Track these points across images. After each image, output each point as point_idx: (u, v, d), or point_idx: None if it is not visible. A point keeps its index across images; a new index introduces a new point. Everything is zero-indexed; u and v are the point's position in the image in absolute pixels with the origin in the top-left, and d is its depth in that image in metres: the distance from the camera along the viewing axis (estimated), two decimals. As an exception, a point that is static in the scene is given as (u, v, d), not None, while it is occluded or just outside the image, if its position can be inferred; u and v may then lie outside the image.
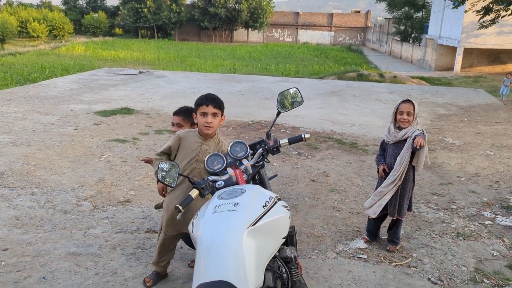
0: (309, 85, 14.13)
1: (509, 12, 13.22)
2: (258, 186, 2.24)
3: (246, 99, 11.17)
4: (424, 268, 3.58)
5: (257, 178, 2.50)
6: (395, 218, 3.76)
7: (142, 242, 3.80)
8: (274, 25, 52.38)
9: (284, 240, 2.10)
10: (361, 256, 3.73)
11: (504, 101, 12.30)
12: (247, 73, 18.83)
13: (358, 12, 56.97)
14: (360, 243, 3.95)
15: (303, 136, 2.48)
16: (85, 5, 53.99)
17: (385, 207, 3.71)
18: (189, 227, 2.07)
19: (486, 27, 13.50)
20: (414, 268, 3.56)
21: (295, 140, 2.50)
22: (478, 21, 13.66)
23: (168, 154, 2.94)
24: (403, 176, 3.58)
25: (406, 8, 35.59)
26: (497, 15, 13.13)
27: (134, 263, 3.44)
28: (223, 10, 46.33)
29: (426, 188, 5.44)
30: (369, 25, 52.48)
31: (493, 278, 3.50)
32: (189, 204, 2.18)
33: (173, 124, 3.43)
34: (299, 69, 22.66)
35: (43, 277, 3.17)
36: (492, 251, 3.94)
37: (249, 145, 2.48)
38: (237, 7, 47.27)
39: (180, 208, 2.13)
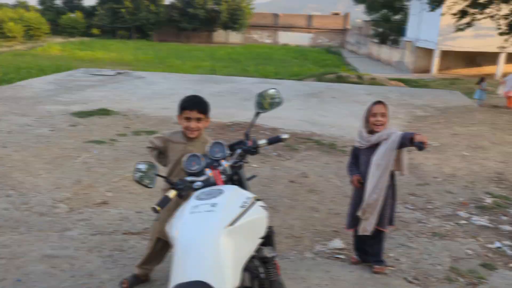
0: (288, 87, 14.20)
1: (483, 15, 13.57)
2: (236, 187, 2.24)
3: (226, 100, 11.16)
4: (400, 268, 3.63)
5: (235, 179, 2.50)
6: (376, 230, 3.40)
7: (119, 244, 3.75)
8: (253, 26, 52.51)
9: (262, 240, 2.11)
10: (339, 256, 3.77)
11: (481, 105, 12.61)
12: (226, 74, 18.82)
13: (337, 14, 57.61)
14: (338, 243, 3.98)
15: (281, 137, 2.50)
16: (61, 5, 52.97)
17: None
18: (167, 228, 2.06)
19: (462, 30, 13.84)
20: (391, 268, 3.61)
21: (274, 140, 2.51)
22: (454, 24, 13.97)
23: (161, 151, 2.91)
24: (386, 182, 3.30)
25: (385, 10, 36.21)
26: (472, 19, 13.46)
27: (110, 265, 3.40)
28: (202, 11, 46.20)
29: (404, 188, 5.52)
30: (348, 27, 53.10)
31: (468, 276, 3.58)
32: (166, 205, 2.16)
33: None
34: (278, 71, 22.77)
35: (18, 280, 3.11)
36: (467, 250, 4.03)
37: (227, 146, 2.47)
38: (216, 8, 47.21)
39: (157, 208, 2.11)
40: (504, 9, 13.28)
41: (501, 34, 13.49)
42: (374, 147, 3.33)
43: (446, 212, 4.92)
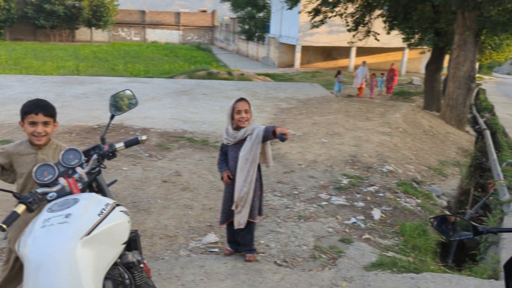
0: (159, 85, 13.96)
1: (334, 13, 14.95)
2: (93, 194, 2.16)
3: (91, 102, 10.53)
4: (270, 253, 3.87)
5: (94, 185, 2.40)
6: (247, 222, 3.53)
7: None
8: (119, 23, 50.20)
9: (125, 245, 2.07)
10: (213, 250, 3.86)
11: (338, 97, 13.95)
12: (92, 74, 17.73)
13: (205, 11, 58.16)
14: (212, 237, 4.08)
15: (139, 139, 2.47)
16: None
17: (233, 212, 3.54)
18: (15, 246, 1.90)
19: (317, 26, 15.04)
20: (262, 254, 3.82)
21: (132, 143, 2.46)
22: (310, 21, 15.14)
23: (4, 167, 2.61)
24: (255, 175, 3.46)
25: (249, 8, 37.63)
26: (324, 16, 14.72)
27: (-43, 298, 2.99)
28: (61, 8, 42.55)
29: (272, 177, 5.87)
30: (216, 24, 54.00)
31: (329, 252, 3.97)
32: (14, 221, 1.98)
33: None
34: (149, 69, 22.20)
35: None
36: (328, 229, 4.46)
37: (83, 152, 2.36)
38: (77, 5, 43.91)
39: (4, 226, 1.93)
40: (350, 8, 14.84)
41: (349, 30, 15.03)
42: (241, 142, 3.46)
43: (310, 195, 5.37)
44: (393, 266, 3.71)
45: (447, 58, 15.18)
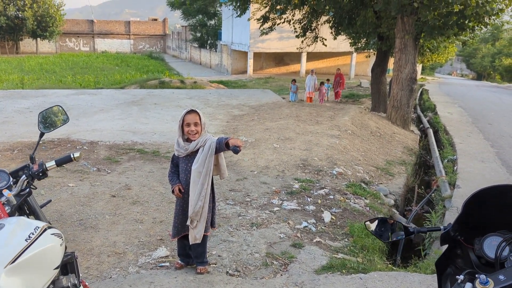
0: (108, 96, 13.61)
1: (282, 20, 15.20)
2: (21, 218, 2.05)
3: (35, 117, 10.06)
4: (222, 263, 3.83)
5: (26, 208, 2.29)
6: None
7: None
8: (67, 34, 48.65)
9: (59, 270, 1.98)
10: (163, 264, 3.78)
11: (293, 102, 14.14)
12: (38, 87, 17.01)
13: (156, 20, 57.44)
14: (163, 251, 4.00)
15: (72, 156, 2.38)
16: None
17: (187, 226, 3.46)
18: None
19: (266, 33, 15.23)
20: (214, 265, 3.78)
21: (64, 161, 2.37)
22: (259, 28, 15.31)
23: None
24: (209, 188, 3.41)
25: (200, 16, 37.56)
26: (273, 23, 14.93)
27: None
28: (3, 18, 40.69)
29: (224, 185, 5.84)
30: (167, 32, 53.45)
31: (281, 258, 3.99)
32: None
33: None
34: (99, 80, 21.61)
35: None
36: (280, 234, 4.49)
37: (10, 173, 2.25)
38: (20, 15, 42.11)
39: None
40: (298, 14, 15.15)
41: (297, 36, 15.33)
42: (193, 154, 3.37)
43: (262, 202, 5.38)
44: (343, 267, 3.79)
45: (391, 61, 15.82)
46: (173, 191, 3.48)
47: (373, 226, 1.96)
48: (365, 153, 8.20)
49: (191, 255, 3.66)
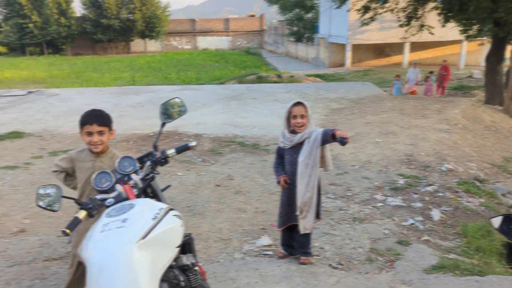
0: (210, 91, 14.25)
1: (384, 9, 14.56)
2: (148, 199, 2.24)
3: (146, 111, 10.93)
4: (325, 255, 3.81)
5: (149, 191, 2.49)
6: None
7: (40, 273, 3.56)
8: (171, 33, 51.88)
9: (180, 248, 2.12)
10: (267, 252, 3.87)
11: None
12: (147, 84, 18.43)
13: (253, 16, 58.70)
14: (266, 240, 4.09)
15: (189, 145, 2.53)
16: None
17: (293, 216, 3.49)
18: (78, 250, 2.01)
19: (367, 24, 14.72)
20: (317, 257, 3.77)
21: (182, 149, 2.53)
22: (360, 19, 14.85)
23: (68, 173, 2.80)
24: (316, 180, 3.42)
25: (297, 9, 37.51)
26: (375, 13, 14.38)
27: (31, 297, 3.22)
28: (116, 21, 44.74)
29: (324, 179, 5.78)
30: (264, 28, 54.31)
31: (386, 255, 3.85)
32: (76, 226, 2.10)
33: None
34: (200, 76, 22.73)
35: None
36: (384, 230, 4.33)
37: (137, 159, 2.46)
38: (131, 17, 45.96)
39: (67, 231, 2.05)
40: (402, 2, 14.38)
41: (401, 25, 14.56)
42: (298, 146, 3.40)
43: (364, 197, 5.24)
44: (456, 268, 3.53)
45: (509, 48, 14.28)
46: (278, 182, 3.54)
47: (497, 223, 1.80)
48: (478, 149, 7.55)
49: (294, 246, 3.69)
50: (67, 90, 15.73)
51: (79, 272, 2.94)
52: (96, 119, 2.66)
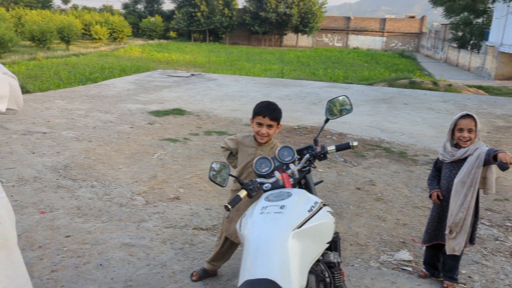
0: (358, 91, 13.97)
1: None
2: (304, 191, 2.30)
3: (293, 104, 11.23)
4: (473, 286, 3.47)
5: (303, 183, 2.56)
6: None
7: (190, 238, 3.96)
8: (324, 29, 52.04)
9: (328, 245, 2.15)
10: (405, 268, 3.68)
11: None
12: (295, 77, 18.87)
13: (413, 17, 55.41)
14: (405, 255, 3.89)
15: (350, 144, 2.52)
16: (143, 9, 56.15)
17: (440, 234, 3.30)
18: (237, 226, 2.17)
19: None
20: (463, 285, 3.46)
21: (343, 147, 2.54)
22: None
23: (232, 153, 3.07)
24: (473, 201, 3.14)
25: (465, 13, 34.22)
26: None
27: (182, 257, 3.60)
28: (273, 15, 46.61)
29: (480, 203, 5.24)
30: (423, 30, 50.90)
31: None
32: (237, 203, 2.27)
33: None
34: (348, 75, 22.38)
35: (100, 264, 3.40)
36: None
37: (296, 150, 2.54)
38: (287, 12, 47.39)
39: (229, 206, 2.23)
40: None
41: None
42: (459, 162, 3.17)
43: (527, 231, 4.60)
44: None
45: None
46: (430, 196, 3.34)
47: None
48: None
49: (438, 267, 3.45)
50: (223, 76, 17.01)
51: (225, 247, 3.19)
52: (269, 112, 2.81)
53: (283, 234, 1.91)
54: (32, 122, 7.90)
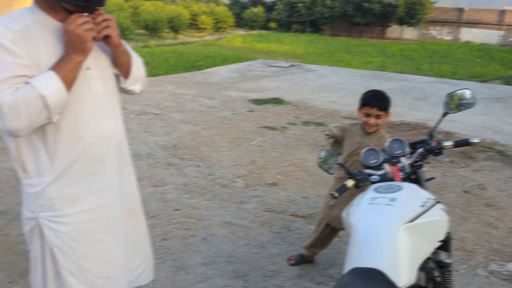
0: (468, 88, 12.93)
1: None
2: (415, 185, 2.23)
3: (396, 99, 10.73)
4: None
5: (413, 178, 2.48)
6: None
7: (287, 224, 4.06)
8: (432, 22, 48.76)
9: (440, 244, 2.07)
10: (518, 280, 3.40)
11: None
12: (397, 71, 18.03)
13: (539, 9, 49.52)
14: (519, 267, 3.58)
15: (471, 141, 2.38)
16: (246, 0, 57.62)
17: None
18: (343, 214, 2.18)
19: None
20: None
21: (461, 143, 2.40)
22: None
23: (336, 140, 3.07)
24: None
25: None
26: None
27: (279, 241, 3.71)
28: (378, 6, 44.78)
29: None
30: (551, 24, 45.29)
31: None
32: (344, 192, 2.27)
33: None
34: (456, 70, 20.79)
35: (205, 238, 3.64)
36: None
37: (408, 144, 2.47)
38: (393, 3, 45.22)
39: (336, 194, 2.24)
40: None
41: None
42: None
43: None
44: None
45: None
46: None
47: None
48: None
49: None
50: (323, 67, 16.84)
51: (325, 234, 3.21)
52: (378, 103, 2.76)
53: (394, 226, 1.89)
54: (146, 104, 8.62)
